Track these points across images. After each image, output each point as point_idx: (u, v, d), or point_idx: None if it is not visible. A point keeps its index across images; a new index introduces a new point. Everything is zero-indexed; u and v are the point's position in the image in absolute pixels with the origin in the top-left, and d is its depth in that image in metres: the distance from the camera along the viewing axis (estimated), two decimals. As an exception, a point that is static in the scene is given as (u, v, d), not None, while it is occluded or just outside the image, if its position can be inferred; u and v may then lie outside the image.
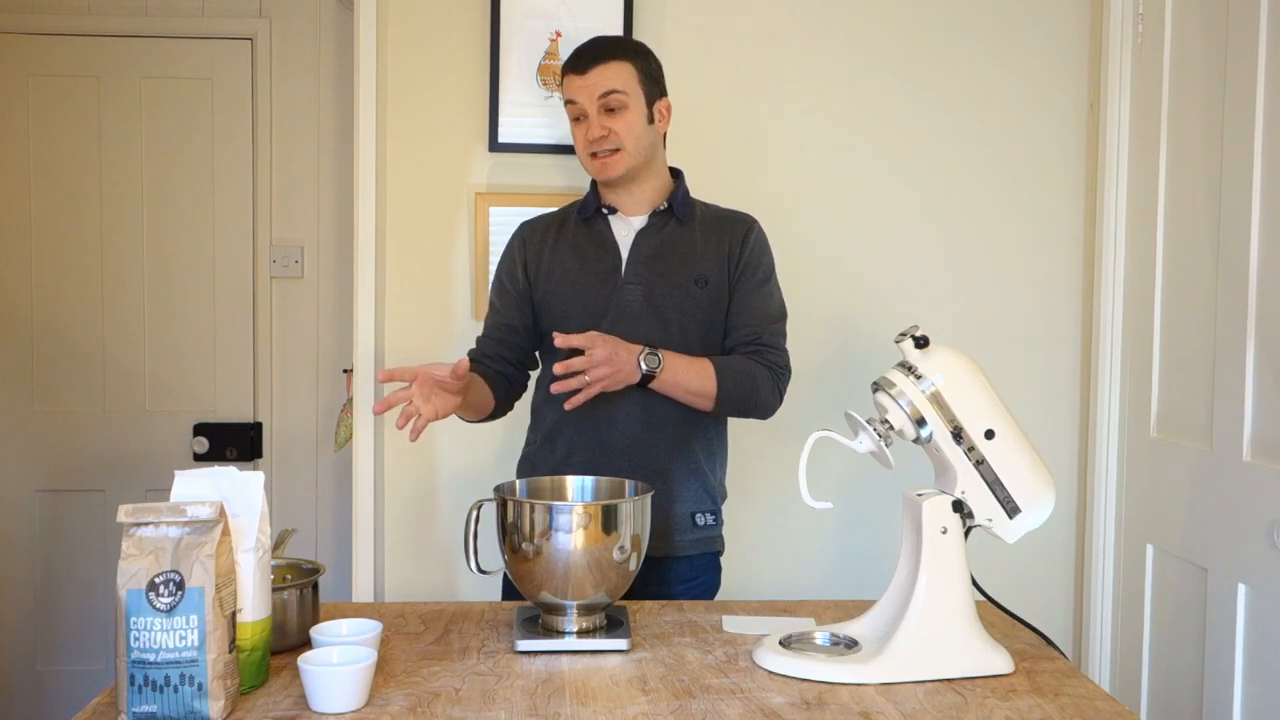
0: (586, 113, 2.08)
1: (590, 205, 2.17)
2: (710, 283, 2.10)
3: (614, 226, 2.15)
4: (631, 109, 2.08)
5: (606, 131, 2.07)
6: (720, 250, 2.13)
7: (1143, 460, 2.48)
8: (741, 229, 2.16)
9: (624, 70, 2.09)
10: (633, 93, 2.08)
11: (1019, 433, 1.64)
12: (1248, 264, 2.09)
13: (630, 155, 2.08)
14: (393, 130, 2.60)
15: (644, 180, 2.14)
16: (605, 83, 2.07)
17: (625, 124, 2.07)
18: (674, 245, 2.12)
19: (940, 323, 2.60)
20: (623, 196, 2.15)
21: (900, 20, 2.65)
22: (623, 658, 1.63)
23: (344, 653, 1.47)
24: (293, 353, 3.38)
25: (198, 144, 3.32)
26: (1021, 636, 1.77)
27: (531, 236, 2.20)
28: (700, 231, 2.15)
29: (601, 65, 2.08)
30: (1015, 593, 1.99)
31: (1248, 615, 2.09)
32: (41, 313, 3.32)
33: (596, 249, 2.14)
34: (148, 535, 1.38)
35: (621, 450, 2.07)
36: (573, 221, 2.19)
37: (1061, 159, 2.69)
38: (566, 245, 2.16)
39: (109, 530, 3.28)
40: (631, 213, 2.15)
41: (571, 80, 2.10)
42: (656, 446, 2.09)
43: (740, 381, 2.05)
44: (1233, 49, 2.15)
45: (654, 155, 2.15)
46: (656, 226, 2.14)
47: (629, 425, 2.07)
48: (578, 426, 2.09)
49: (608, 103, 2.06)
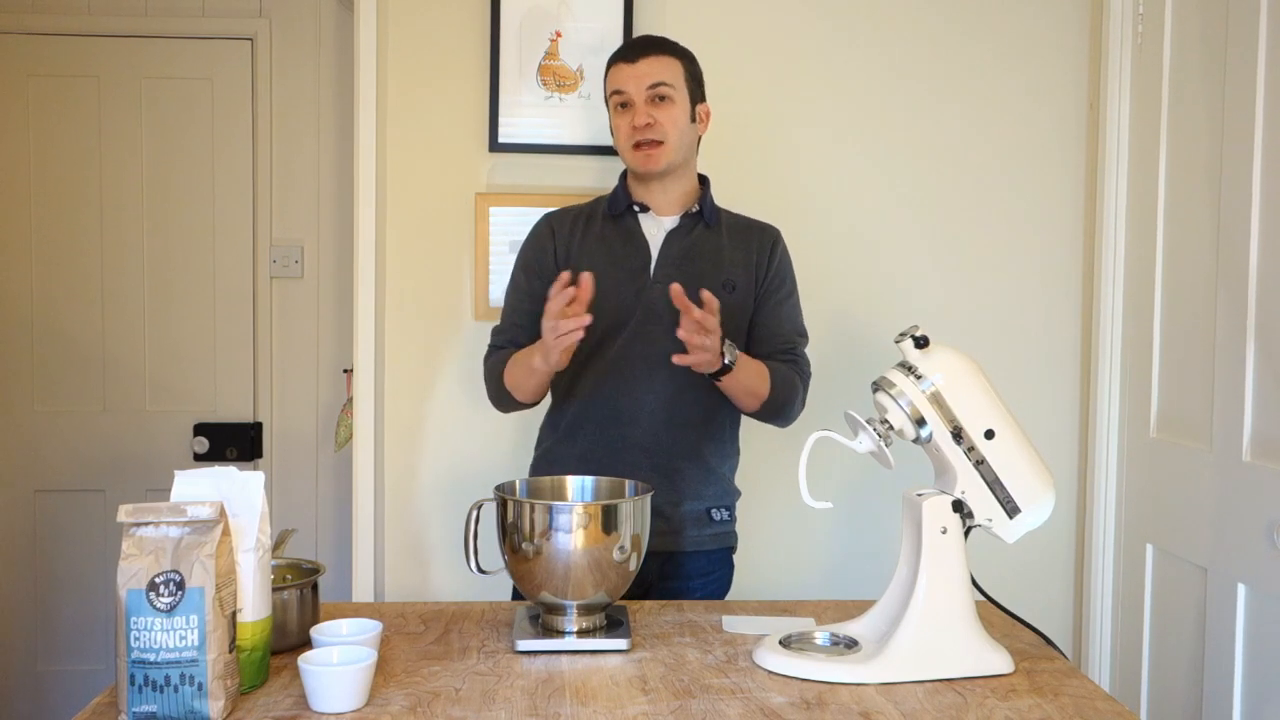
0: (633, 101, 2.08)
1: (621, 201, 2.16)
2: (738, 288, 2.12)
3: (644, 225, 2.15)
4: (677, 104, 2.09)
5: (652, 120, 2.06)
6: (748, 258, 2.14)
7: (1143, 460, 2.48)
8: (769, 239, 2.18)
9: (673, 65, 2.10)
10: (679, 88, 2.09)
11: (1019, 433, 1.64)
12: (1248, 264, 2.09)
13: (672, 149, 2.08)
14: (393, 130, 2.60)
15: (678, 180, 2.14)
16: (655, 74, 2.07)
17: (670, 117, 2.08)
18: (703, 248, 2.13)
19: (940, 322, 2.60)
20: (655, 195, 2.14)
21: (900, 21, 2.65)
22: (623, 658, 1.63)
23: (344, 653, 1.47)
24: (293, 353, 3.38)
25: (198, 144, 3.32)
26: (1021, 636, 1.77)
27: (561, 226, 2.18)
28: (728, 237, 2.15)
29: (652, 57, 2.09)
30: (1015, 593, 1.99)
31: (1248, 615, 2.09)
32: (41, 313, 3.32)
33: (625, 245, 2.13)
34: (148, 535, 1.38)
35: (643, 448, 2.08)
36: (601, 216, 2.17)
37: (1061, 159, 2.69)
38: (595, 239, 2.15)
39: (109, 530, 3.28)
40: (663, 212, 2.15)
41: (620, 69, 2.10)
42: (677, 443, 2.09)
43: (786, 389, 2.08)
44: (1233, 49, 2.15)
45: (690, 156, 2.15)
46: (686, 228, 2.14)
47: (651, 422, 2.07)
48: (599, 423, 2.10)
49: (656, 93, 2.07)
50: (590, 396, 2.11)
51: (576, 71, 2.59)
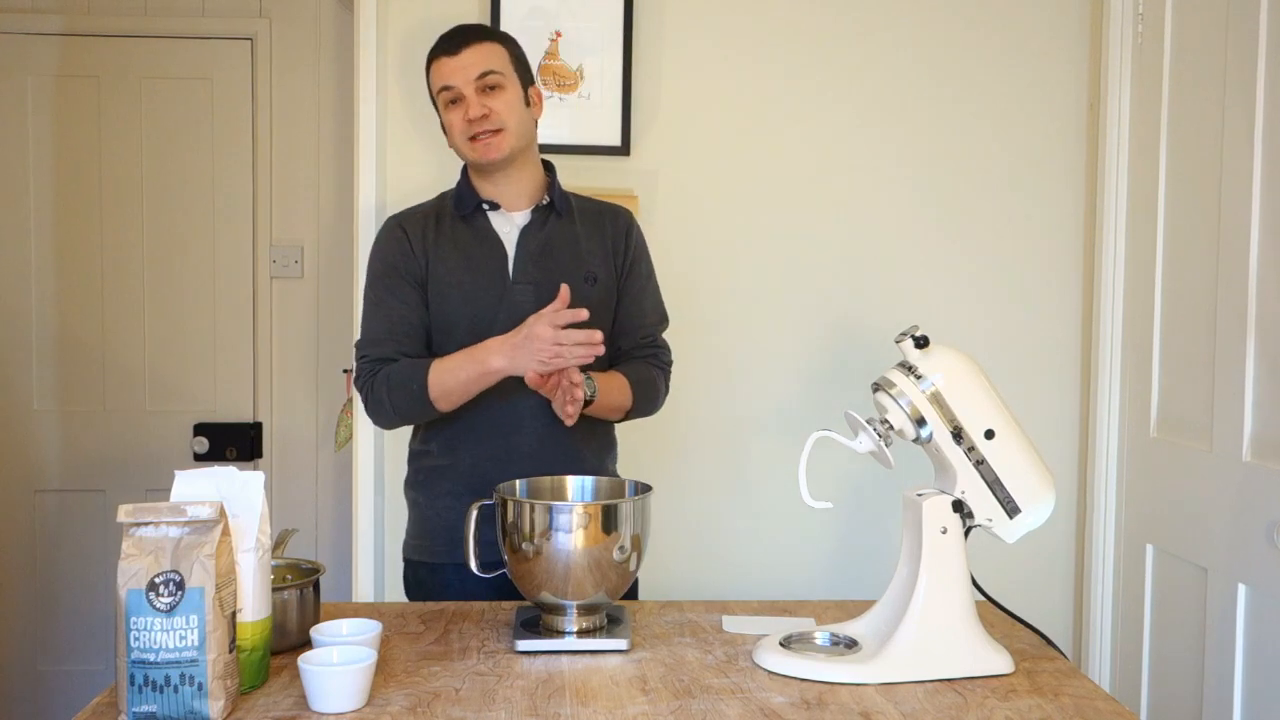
0: (463, 94, 2.00)
1: (468, 200, 2.06)
2: (599, 280, 2.06)
3: (495, 223, 2.06)
4: (509, 89, 2.02)
5: (487, 110, 1.99)
6: (604, 245, 2.09)
7: (1143, 460, 2.48)
8: (623, 222, 2.13)
9: (497, 51, 2.04)
10: (508, 74, 2.03)
11: (1019, 433, 1.64)
12: (1248, 264, 2.09)
13: (513, 135, 2.01)
14: (393, 130, 2.60)
15: (523, 169, 2.07)
16: (481, 63, 2.00)
17: (505, 103, 2.01)
18: (560, 241, 2.06)
19: (940, 322, 2.59)
20: (502, 189, 2.06)
21: (900, 20, 2.65)
22: (623, 658, 1.63)
23: (344, 653, 1.47)
24: (293, 353, 3.38)
25: (198, 144, 3.32)
26: (1021, 636, 1.77)
27: (412, 228, 2.06)
28: (581, 225, 2.09)
29: (474, 45, 2.02)
30: (1015, 593, 1.99)
31: (1248, 615, 2.09)
32: (41, 313, 3.32)
33: (480, 247, 2.04)
34: (148, 535, 1.38)
35: (528, 454, 2.01)
36: (450, 216, 2.07)
37: (1061, 159, 2.69)
38: (447, 242, 2.04)
39: (109, 530, 3.28)
40: (512, 207, 2.07)
41: (444, 63, 2.02)
42: (561, 446, 2.03)
43: (647, 392, 2.07)
44: (1233, 49, 2.15)
45: (531, 142, 2.08)
46: (539, 222, 2.06)
47: (534, 427, 2.01)
48: (480, 435, 2.02)
49: (486, 82, 2.00)
50: (466, 408, 1.99)
51: (576, 71, 2.59)
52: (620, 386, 2.02)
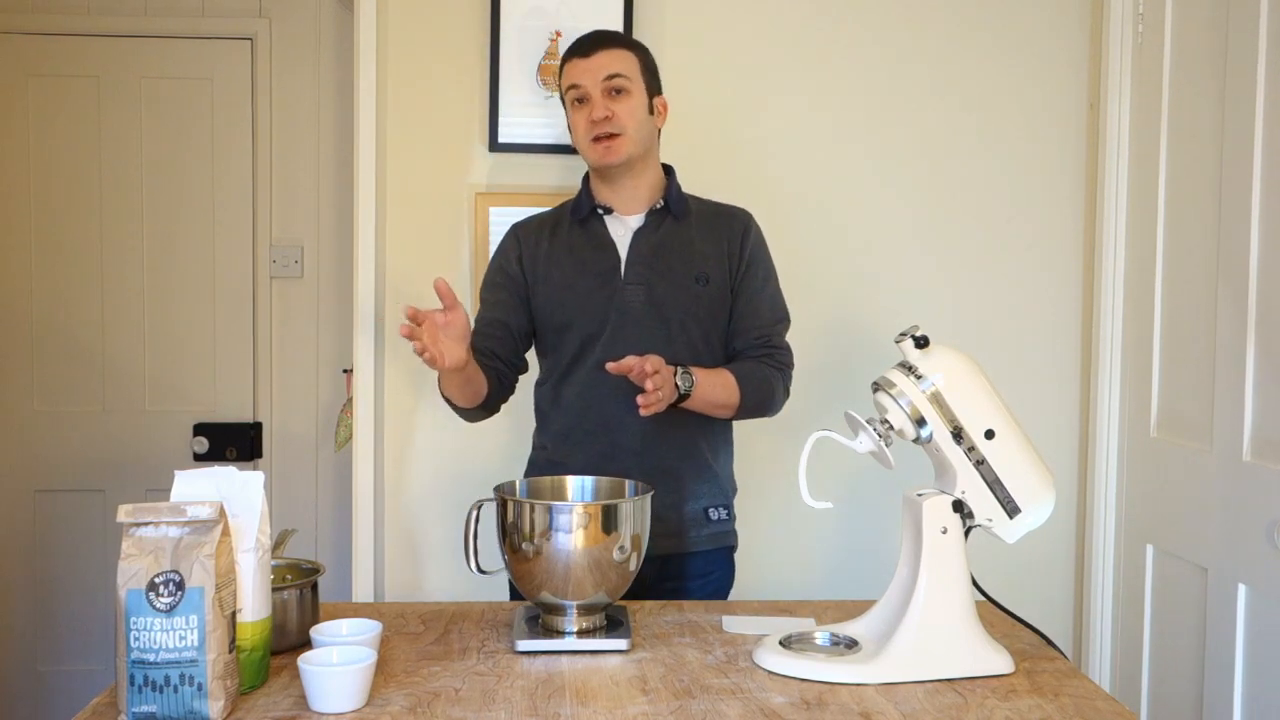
0: (590, 95, 2.06)
1: (584, 205, 2.14)
2: (711, 280, 2.10)
3: (610, 226, 2.13)
4: (634, 96, 2.07)
5: (610, 113, 2.05)
6: (719, 247, 2.12)
7: (1143, 460, 2.48)
8: (740, 225, 2.16)
9: (627, 58, 2.09)
10: (635, 80, 2.08)
11: (1019, 433, 1.64)
12: (1248, 264, 2.09)
13: (632, 141, 2.06)
14: (393, 130, 2.60)
15: (640, 174, 2.12)
16: (610, 66, 2.06)
17: (628, 109, 2.06)
18: (672, 243, 2.11)
19: (940, 322, 2.60)
20: (619, 193, 2.13)
21: (900, 20, 2.65)
22: (623, 658, 1.63)
23: (344, 653, 1.47)
24: (293, 353, 3.38)
25: (198, 144, 3.32)
26: (1021, 636, 1.77)
27: (527, 237, 2.17)
28: (697, 228, 2.14)
29: (606, 50, 2.08)
30: (1015, 593, 1.99)
31: (1248, 615, 2.09)
32: (41, 313, 3.32)
33: (594, 250, 2.12)
34: (148, 535, 1.38)
35: (633, 451, 2.07)
36: (567, 223, 2.16)
37: (1061, 159, 2.69)
38: (562, 247, 2.13)
39: (109, 530, 3.28)
40: (627, 211, 2.13)
41: (575, 64, 2.09)
42: (667, 445, 2.08)
43: (759, 390, 2.07)
44: (1233, 49, 2.15)
45: (651, 149, 2.14)
46: (654, 224, 2.12)
47: (640, 426, 2.05)
48: (589, 431, 2.09)
49: (612, 85, 2.06)
50: (576, 407, 2.10)
51: (577, 71, 2.58)
52: (725, 383, 2.03)
